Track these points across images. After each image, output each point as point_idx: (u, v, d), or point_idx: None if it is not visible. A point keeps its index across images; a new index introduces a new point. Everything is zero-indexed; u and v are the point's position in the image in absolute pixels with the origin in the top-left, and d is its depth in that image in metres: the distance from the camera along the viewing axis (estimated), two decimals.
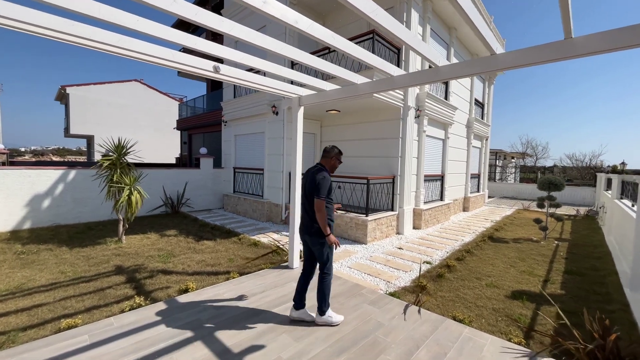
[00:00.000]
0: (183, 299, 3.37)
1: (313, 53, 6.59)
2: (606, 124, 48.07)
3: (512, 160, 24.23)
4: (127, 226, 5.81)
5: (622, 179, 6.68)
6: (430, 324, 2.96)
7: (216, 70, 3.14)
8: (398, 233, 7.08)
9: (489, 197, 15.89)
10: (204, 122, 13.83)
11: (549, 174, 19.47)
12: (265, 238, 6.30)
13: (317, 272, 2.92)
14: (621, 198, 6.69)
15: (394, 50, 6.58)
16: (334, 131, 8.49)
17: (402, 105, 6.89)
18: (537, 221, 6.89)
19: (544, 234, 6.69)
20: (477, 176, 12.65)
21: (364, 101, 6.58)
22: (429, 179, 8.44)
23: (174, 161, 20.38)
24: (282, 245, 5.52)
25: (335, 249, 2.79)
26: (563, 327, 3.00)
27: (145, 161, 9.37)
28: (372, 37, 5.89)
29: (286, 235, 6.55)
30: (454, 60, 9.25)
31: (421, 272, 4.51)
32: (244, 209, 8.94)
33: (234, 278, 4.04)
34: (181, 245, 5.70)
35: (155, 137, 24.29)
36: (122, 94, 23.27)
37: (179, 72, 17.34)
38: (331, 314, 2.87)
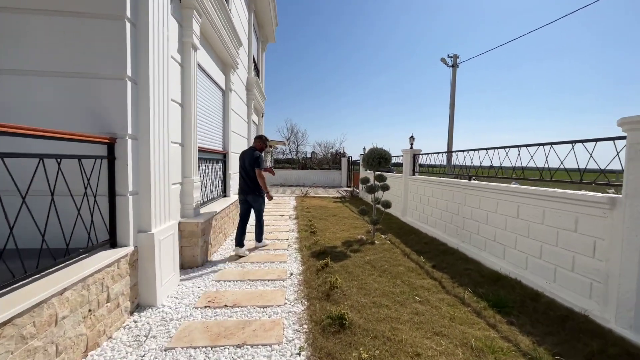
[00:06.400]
0: None
1: None
2: (347, 116, 60.40)
3: (270, 148, 25.06)
4: None
5: (413, 154, 6.28)
6: None
7: None
8: (137, 308, 2.45)
9: None
10: None
11: (308, 159, 21.19)
12: None
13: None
14: (413, 174, 6.26)
15: None
16: None
17: None
18: (363, 212, 4.96)
19: (373, 228, 4.86)
20: None
21: None
22: (206, 157, 4.35)
23: None
24: None
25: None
26: None
27: None
28: None
29: None
30: None
31: None
32: None
33: None
34: None
35: None
36: None
37: None
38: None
